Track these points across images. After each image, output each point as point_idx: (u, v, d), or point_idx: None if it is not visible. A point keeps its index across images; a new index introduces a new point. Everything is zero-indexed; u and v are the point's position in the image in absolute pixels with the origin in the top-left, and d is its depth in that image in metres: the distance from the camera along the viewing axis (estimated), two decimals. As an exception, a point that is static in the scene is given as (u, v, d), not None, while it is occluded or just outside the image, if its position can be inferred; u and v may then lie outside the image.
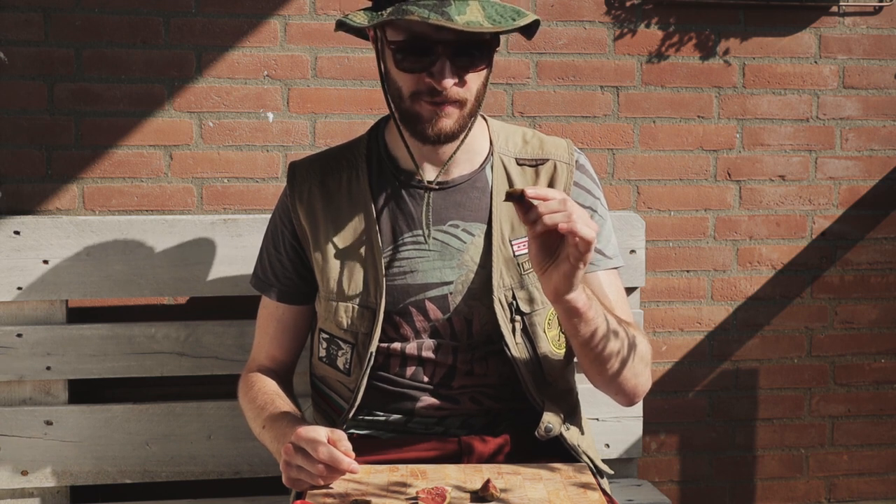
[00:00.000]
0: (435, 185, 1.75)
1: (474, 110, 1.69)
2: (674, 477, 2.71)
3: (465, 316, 1.73)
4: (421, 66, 1.61)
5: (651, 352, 1.74)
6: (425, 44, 1.60)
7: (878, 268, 2.74)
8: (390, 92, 1.70)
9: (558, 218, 1.42)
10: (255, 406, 1.79)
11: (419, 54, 1.61)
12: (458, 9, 1.55)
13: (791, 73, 2.64)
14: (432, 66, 1.60)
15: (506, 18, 1.58)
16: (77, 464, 2.23)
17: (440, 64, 1.60)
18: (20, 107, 2.34)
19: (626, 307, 1.80)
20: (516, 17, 1.60)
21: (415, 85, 1.64)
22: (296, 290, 1.86)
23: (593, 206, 1.80)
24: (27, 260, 2.19)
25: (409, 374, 1.76)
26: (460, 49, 1.60)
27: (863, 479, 2.80)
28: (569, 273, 1.47)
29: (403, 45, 1.61)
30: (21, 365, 2.20)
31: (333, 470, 1.52)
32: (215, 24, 2.39)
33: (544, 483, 1.58)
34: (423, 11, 1.54)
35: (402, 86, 1.66)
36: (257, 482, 2.31)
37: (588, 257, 1.45)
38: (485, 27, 1.55)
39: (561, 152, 1.81)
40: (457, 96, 1.64)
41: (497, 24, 1.56)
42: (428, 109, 1.64)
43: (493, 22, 1.56)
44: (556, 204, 1.43)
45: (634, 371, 1.68)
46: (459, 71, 1.62)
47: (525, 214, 1.45)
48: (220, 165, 2.42)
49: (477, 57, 1.63)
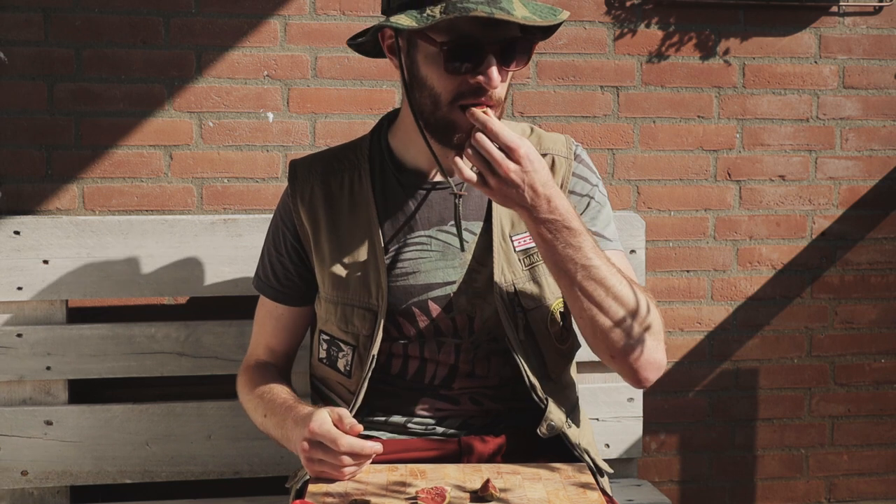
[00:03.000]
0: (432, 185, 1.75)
1: (501, 115, 1.66)
2: (674, 477, 2.71)
3: (468, 313, 1.73)
4: (471, 65, 1.58)
5: (660, 320, 1.64)
6: (475, 42, 1.57)
7: (878, 268, 2.74)
8: (422, 100, 1.64)
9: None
10: (254, 396, 1.80)
11: (468, 54, 1.57)
12: (509, 4, 1.54)
13: (791, 73, 2.64)
14: (480, 65, 1.57)
15: (545, 14, 1.59)
16: (77, 464, 2.23)
17: (487, 62, 1.57)
18: (20, 107, 2.34)
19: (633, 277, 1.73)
20: (555, 14, 1.61)
21: (458, 87, 1.60)
22: (297, 291, 1.85)
23: (590, 193, 1.79)
24: (27, 260, 2.19)
25: (410, 375, 1.76)
26: (507, 47, 1.59)
27: (863, 479, 2.80)
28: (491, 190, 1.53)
29: (451, 45, 1.57)
30: (21, 365, 2.20)
31: (358, 457, 1.55)
32: (215, 24, 2.39)
33: (543, 483, 1.58)
34: (485, 7, 1.52)
35: (441, 90, 1.61)
36: (257, 482, 2.31)
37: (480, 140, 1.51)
38: (538, 21, 1.56)
39: (559, 147, 1.81)
40: (500, 96, 1.62)
41: (544, 19, 1.58)
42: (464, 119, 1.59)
43: (541, 17, 1.58)
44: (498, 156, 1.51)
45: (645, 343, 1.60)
46: (504, 68, 1.60)
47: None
48: (220, 165, 2.42)
49: (520, 54, 1.61)
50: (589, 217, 1.77)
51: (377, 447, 1.56)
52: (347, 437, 1.54)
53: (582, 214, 1.76)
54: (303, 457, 1.58)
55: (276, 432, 1.72)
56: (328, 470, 1.57)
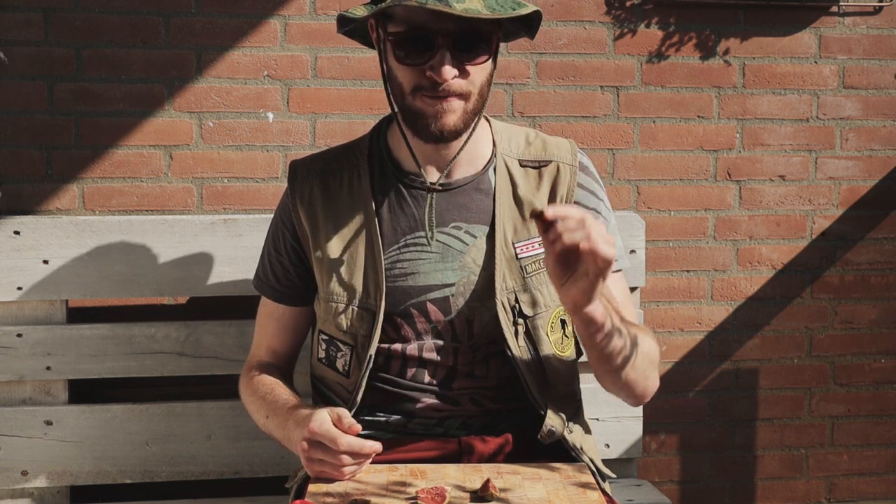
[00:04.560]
0: (438, 186, 1.75)
1: (478, 107, 1.68)
2: (674, 477, 2.71)
3: (467, 317, 1.73)
4: (422, 58, 1.60)
5: (658, 351, 1.73)
6: (425, 35, 1.58)
7: (878, 268, 2.74)
8: (392, 90, 1.69)
9: (578, 237, 1.41)
10: (257, 397, 1.80)
11: (419, 46, 1.59)
12: None
13: (791, 73, 2.64)
14: (432, 59, 1.59)
15: (505, 7, 1.58)
16: (77, 464, 2.23)
17: (440, 55, 1.59)
18: (20, 107, 2.34)
19: (631, 308, 1.81)
20: (516, 6, 1.59)
21: (416, 79, 1.62)
22: (297, 291, 1.85)
23: (597, 207, 1.80)
24: (27, 260, 2.19)
25: (409, 376, 1.75)
26: (460, 40, 1.59)
27: (863, 479, 2.80)
28: (587, 289, 1.45)
29: (402, 36, 1.60)
30: (21, 365, 2.20)
31: (358, 456, 1.55)
32: (215, 24, 2.39)
33: (543, 483, 1.58)
34: None
35: (402, 81, 1.64)
36: (257, 482, 2.31)
37: (607, 273, 1.44)
38: (483, 14, 1.54)
39: (564, 153, 1.80)
40: (459, 89, 1.62)
41: (499, 11, 1.56)
42: (430, 104, 1.63)
43: (491, 10, 1.55)
44: (575, 223, 1.42)
45: (645, 374, 1.68)
46: (460, 63, 1.61)
47: (545, 233, 1.44)
48: (220, 165, 2.42)
49: (478, 48, 1.61)
50: None
51: (376, 446, 1.56)
52: (347, 436, 1.54)
53: None
54: (303, 457, 1.58)
55: (279, 433, 1.72)
56: (328, 470, 1.57)
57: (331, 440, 1.54)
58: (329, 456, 1.55)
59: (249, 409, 1.85)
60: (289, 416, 1.67)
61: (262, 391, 1.80)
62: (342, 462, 1.55)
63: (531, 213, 1.46)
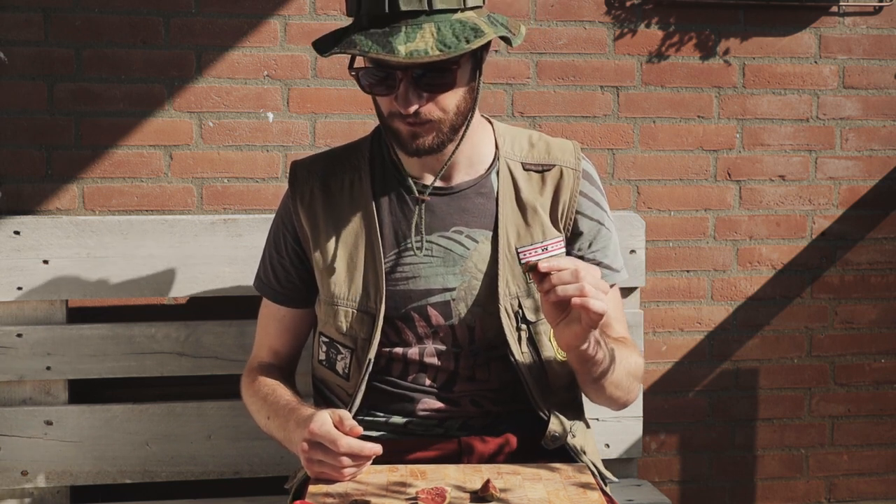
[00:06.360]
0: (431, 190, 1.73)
1: (457, 125, 1.67)
2: (674, 477, 2.71)
3: (468, 323, 1.73)
4: (387, 90, 1.62)
5: (642, 365, 1.81)
6: (386, 70, 1.60)
7: (878, 268, 2.74)
8: (375, 107, 1.72)
9: (571, 290, 1.48)
10: (258, 398, 1.80)
11: (382, 80, 1.61)
12: (408, 35, 1.53)
13: (791, 73, 2.64)
14: (396, 90, 1.60)
15: (460, 40, 1.54)
16: (77, 464, 2.23)
17: (403, 87, 1.59)
18: (20, 107, 2.34)
19: (623, 323, 1.84)
20: (472, 37, 1.55)
21: (388, 106, 1.65)
22: (298, 293, 1.85)
23: (601, 219, 1.80)
24: (27, 260, 2.19)
25: (410, 378, 1.75)
26: (420, 74, 1.59)
27: (863, 479, 2.80)
28: (580, 334, 1.52)
29: (366, 71, 1.63)
30: (21, 365, 2.20)
31: (358, 457, 1.55)
32: (215, 24, 2.39)
33: (544, 483, 1.58)
34: (367, 43, 1.53)
35: (380, 106, 1.68)
36: (257, 482, 2.31)
37: (599, 323, 1.51)
38: (431, 55, 1.52)
39: (567, 157, 1.80)
40: (430, 116, 1.63)
41: (446, 51, 1.52)
42: (404, 128, 1.65)
43: (442, 48, 1.52)
44: (569, 275, 1.48)
45: (627, 388, 1.75)
46: (425, 93, 1.61)
47: (540, 283, 1.51)
48: (220, 165, 2.42)
49: (441, 78, 1.60)
50: (600, 245, 1.79)
51: (376, 448, 1.55)
52: (347, 438, 1.54)
53: (593, 241, 1.79)
54: (303, 458, 1.58)
55: (280, 434, 1.72)
56: (328, 471, 1.57)
57: (331, 441, 1.54)
58: (329, 457, 1.55)
59: (251, 409, 1.85)
60: (290, 417, 1.67)
61: (263, 392, 1.80)
62: (342, 464, 1.55)
63: (525, 266, 1.54)
